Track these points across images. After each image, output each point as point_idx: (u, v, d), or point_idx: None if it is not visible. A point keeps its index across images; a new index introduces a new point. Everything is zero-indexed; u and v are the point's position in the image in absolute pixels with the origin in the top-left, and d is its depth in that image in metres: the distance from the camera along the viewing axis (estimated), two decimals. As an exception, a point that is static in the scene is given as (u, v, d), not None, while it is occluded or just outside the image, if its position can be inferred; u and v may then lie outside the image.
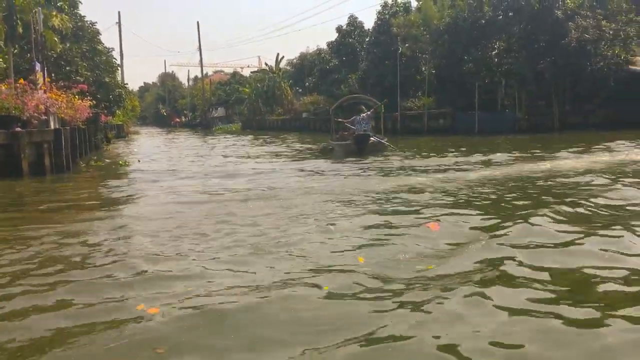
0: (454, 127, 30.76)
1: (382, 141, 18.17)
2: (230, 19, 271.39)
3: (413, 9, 37.69)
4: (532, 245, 5.27)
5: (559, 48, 27.42)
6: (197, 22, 75.74)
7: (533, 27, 28.49)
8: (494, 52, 31.88)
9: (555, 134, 26.54)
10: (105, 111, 31.39)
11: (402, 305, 3.82)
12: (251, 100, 63.14)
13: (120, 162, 19.33)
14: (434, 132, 30.05)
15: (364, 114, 18.31)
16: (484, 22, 30.27)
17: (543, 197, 8.27)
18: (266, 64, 65.89)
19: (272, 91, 59.12)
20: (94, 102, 24.03)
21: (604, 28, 27.68)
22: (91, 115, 23.66)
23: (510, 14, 29.66)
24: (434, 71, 34.05)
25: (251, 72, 79.06)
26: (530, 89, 29.93)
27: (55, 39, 20.51)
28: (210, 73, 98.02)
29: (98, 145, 27.61)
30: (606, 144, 18.25)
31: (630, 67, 28.42)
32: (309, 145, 25.79)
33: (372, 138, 17.30)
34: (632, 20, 28.84)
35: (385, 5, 38.96)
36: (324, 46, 52.10)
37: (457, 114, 31.41)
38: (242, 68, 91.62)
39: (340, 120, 20.18)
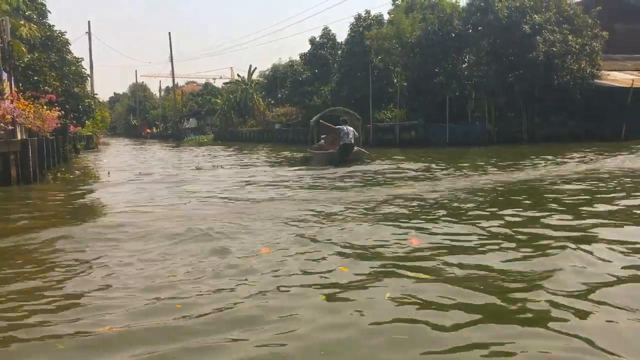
0: (426, 139, 31.03)
1: (363, 150, 19.55)
2: (203, 30, 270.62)
3: (385, 21, 38.02)
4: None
5: (526, 62, 27.96)
6: (169, 33, 75.80)
7: (502, 41, 29.01)
8: (464, 65, 32.37)
9: (524, 145, 26.96)
10: (75, 122, 30.88)
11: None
12: (223, 111, 62.85)
13: (89, 174, 19.04)
14: (405, 144, 30.29)
15: (350, 127, 19.21)
16: (454, 35, 30.70)
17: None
18: (238, 75, 65.83)
19: (244, 102, 58.97)
20: (63, 112, 23.58)
21: (570, 42, 28.34)
22: (60, 125, 23.23)
23: (479, 28, 30.14)
24: (405, 83, 34.37)
25: (223, 83, 78.76)
26: (500, 101, 30.43)
27: (23, 48, 20.15)
28: (182, 84, 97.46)
29: (67, 156, 27.13)
30: (573, 154, 18.71)
31: (596, 80, 29.13)
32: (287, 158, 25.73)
33: (355, 148, 18.66)
34: (597, 35, 29.59)
35: (358, 18, 39.26)
36: (296, 58, 52.23)
37: (429, 126, 31.71)
38: (214, 79, 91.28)
39: (326, 124, 21.36)
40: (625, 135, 27.34)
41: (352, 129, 19.26)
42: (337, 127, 19.57)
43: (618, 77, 30.34)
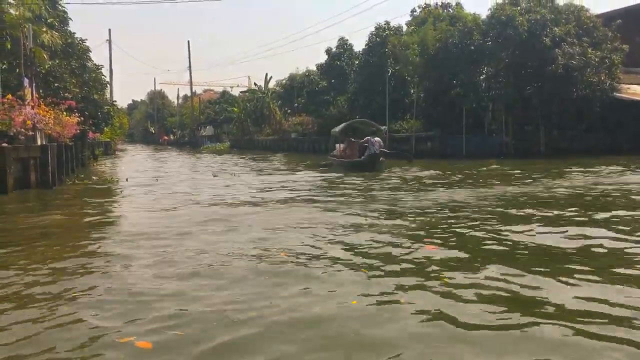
0: (442, 151, 30.89)
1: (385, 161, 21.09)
2: (221, 38, 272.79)
3: (404, 33, 38.02)
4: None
5: (545, 74, 27.75)
6: (188, 41, 75.84)
7: (521, 53, 28.85)
8: (482, 77, 32.20)
9: (543, 159, 26.65)
10: (93, 128, 31.21)
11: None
12: (240, 119, 63.17)
13: (107, 180, 19.23)
14: (422, 155, 30.11)
15: (377, 138, 21.29)
16: (473, 47, 30.61)
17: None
18: (255, 84, 66.12)
19: (260, 111, 59.23)
20: (82, 118, 23.85)
21: (589, 55, 28.10)
22: (79, 131, 23.49)
23: (499, 40, 30.00)
24: (422, 94, 34.26)
25: (240, 92, 79.22)
26: (517, 114, 30.20)
27: (45, 55, 20.43)
28: (199, 92, 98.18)
29: (85, 162, 27.44)
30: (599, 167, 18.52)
31: (615, 94, 28.83)
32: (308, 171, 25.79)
33: (382, 158, 20.63)
34: (616, 49, 29.32)
35: (379, 28, 39.32)
36: (313, 68, 52.42)
37: (445, 137, 31.56)
38: (231, 87, 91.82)
39: (353, 139, 23.30)
40: (645, 149, 26.97)
41: (379, 139, 21.20)
42: (366, 137, 21.41)
43: (638, 91, 30.00)
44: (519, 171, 18.73)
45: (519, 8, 29.77)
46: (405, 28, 39.06)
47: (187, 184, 17.02)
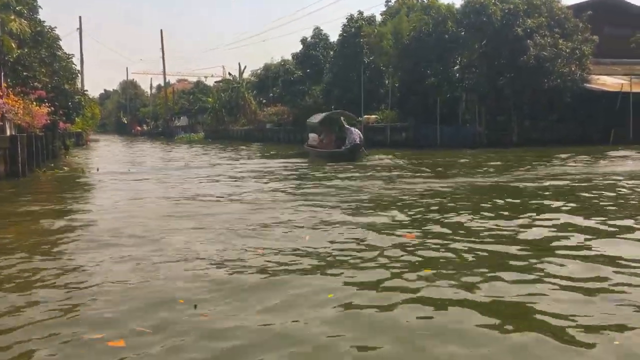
0: (417, 141, 31.07)
1: (364, 151, 21.95)
2: (195, 28, 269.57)
3: (378, 23, 38.03)
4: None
5: (517, 65, 28.09)
6: (161, 30, 75.00)
7: (494, 44, 29.13)
8: (456, 67, 32.44)
9: (515, 148, 27.02)
10: (64, 118, 30.62)
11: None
12: (214, 110, 62.64)
13: (78, 170, 18.96)
14: (396, 145, 30.30)
15: (357, 130, 22.31)
16: (447, 37, 30.77)
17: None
18: (230, 74, 65.60)
19: (235, 101, 58.79)
20: (52, 108, 23.42)
21: (560, 46, 28.50)
22: (49, 122, 23.06)
23: (472, 30, 30.21)
24: (397, 84, 34.40)
25: (215, 82, 78.50)
26: (490, 104, 30.51)
27: (13, 44, 19.94)
28: (173, 82, 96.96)
29: (56, 152, 26.93)
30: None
31: (585, 84, 29.32)
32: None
33: (362, 149, 21.49)
34: (587, 40, 29.78)
35: (350, 19, 39.23)
36: (288, 57, 52.14)
37: (419, 127, 31.76)
38: (205, 77, 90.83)
39: (331, 130, 24.45)
40: (614, 139, 27.57)
41: (358, 131, 22.16)
42: (346, 127, 22.45)
43: (607, 82, 30.56)
44: (490, 162, 18.99)
45: (492, -1, 30.04)
46: (379, 18, 39.08)
47: (159, 174, 16.88)
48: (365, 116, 33.93)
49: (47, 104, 21.46)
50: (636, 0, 37.74)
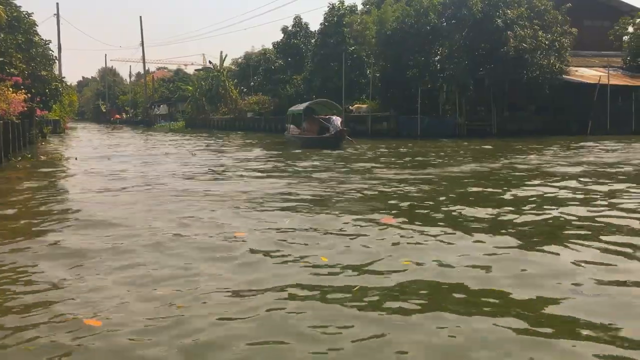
0: (398, 131, 31.18)
1: (350, 139, 22.57)
2: (175, 15, 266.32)
3: (359, 12, 37.98)
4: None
5: (497, 56, 28.29)
6: (140, 17, 73.85)
7: (474, 35, 29.28)
8: (437, 58, 32.54)
9: (493, 139, 27.27)
10: (41, 105, 30.12)
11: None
12: (195, 98, 62.11)
13: (56, 159, 18.73)
14: (377, 135, 30.39)
15: (339, 117, 23.10)
16: (428, 28, 30.82)
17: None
18: (210, 62, 64.98)
19: (216, 90, 58.35)
20: (29, 95, 23.01)
21: (540, 38, 28.76)
22: (26, 109, 22.67)
23: (453, 21, 30.33)
24: (378, 74, 34.45)
25: (195, 70, 77.78)
26: (470, 95, 30.73)
27: (-12, 28, 19.56)
28: (153, 69, 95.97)
29: (32, 140, 26.52)
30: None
31: (564, 76, 29.66)
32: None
33: (348, 137, 22.14)
34: (566, 32, 30.08)
35: (332, 8, 39.12)
36: (269, 46, 51.90)
37: (400, 118, 31.87)
38: (185, 65, 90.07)
39: (318, 117, 24.41)
40: (591, 130, 27.99)
41: (340, 119, 22.86)
42: (328, 116, 23.19)
43: (585, 74, 30.96)
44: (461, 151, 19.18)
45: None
46: (360, 7, 39.03)
47: (138, 162, 16.78)
48: (356, 105, 33.96)
49: (23, 90, 21.08)
50: (615, -7, 38.07)
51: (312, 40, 44.00)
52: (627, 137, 25.20)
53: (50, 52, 31.35)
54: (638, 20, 33.32)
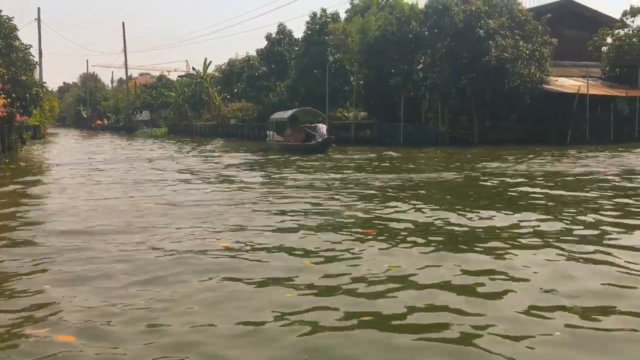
0: (381, 138, 31.30)
1: (338, 147, 23.45)
2: (158, 21, 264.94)
3: (342, 20, 38.13)
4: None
5: (479, 66, 28.54)
6: (123, 23, 73.26)
7: (456, 44, 29.52)
8: (419, 67, 32.75)
9: (472, 147, 27.48)
10: (21, 111, 29.76)
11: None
12: (178, 104, 61.77)
13: (36, 165, 18.53)
14: (361, 142, 30.48)
15: (324, 125, 24.23)
16: (411, 36, 31.02)
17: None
18: (194, 69, 64.75)
19: (199, 96, 58.09)
20: (9, 100, 22.75)
21: (521, 48, 29.09)
22: (5, 114, 22.41)
23: (435, 30, 30.57)
24: (361, 82, 34.57)
25: (178, 76, 77.37)
26: (453, 104, 30.97)
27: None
28: (135, 75, 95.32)
29: (12, 146, 26.18)
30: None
31: (545, 86, 30.01)
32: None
33: (333, 144, 23.06)
34: (546, 42, 30.49)
35: (314, 16, 39.22)
36: (253, 53, 51.84)
37: (383, 125, 31.99)
38: (169, 71, 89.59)
39: (303, 126, 25.24)
40: (571, 140, 28.34)
41: (325, 126, 23.97)
42: (314, 125, 24.07)
43: (565, 83, 31.36)
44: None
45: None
46: (343, 16, 39.19)
47: (119, 169, 16.65)
48: (353, 112, 33.98)
49: (3, 95, 20.84)
50: (594, 4, 38.89)
51: (296, 48, 44.04)
52: (603, 146, 25.53)
53: (31, 57, 31.02)
54: (616, 31, 33.88)
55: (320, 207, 8.76)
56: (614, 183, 12.07)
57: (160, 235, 6.66)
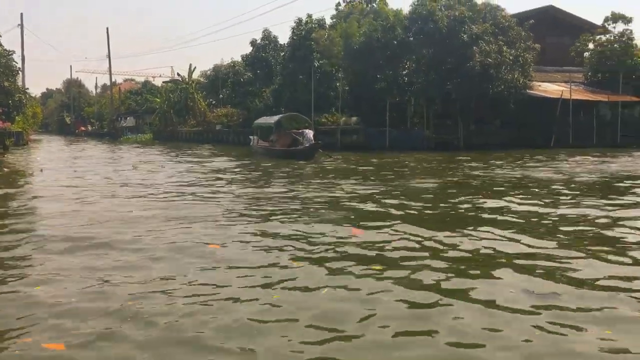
0: (367, 144, 31.36)
1: (326, 152, 23.60)
2: (143, 27, 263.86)
3: (327, 26, 38.21)
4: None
5: (464, 71, 28.78)
6: (107, 28, 72.91)
7: (441, 49, 29.74)
8: (404, 72, 32.93)
9: (461, 152, 27.66)
10: (4, 117, 29.52)
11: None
12: (163, 110, 61.41)
13: (20, 171, 18.35)
14: (347, 148, 30.49)
15: (311, 131, 23.93)
16: (395, 42, 31.19)
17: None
18: (179, 74, 64.50)
19: (184, 102, 57.83)
20: (-9, 106, 22.54)
21: (504, 54, 29.40)
22: (-13, 120, 22.20)
23: (420, 36, 30.78)
24: (347, 88, 34.67)
25: (163, 82, 77.00)
26: (438, 109, 31.20)
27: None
28: (120, 81, 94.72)
29: (-6, 152, 25.93)
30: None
31: (528, 91, 30.35)
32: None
33: (320, 149, 22.94)
34: (529, 48, 30.85)
35: (299, 22, 39.24)
36: (238, 59, 51.78)
37: (369, 130, 32.09)
38: (153, 77, 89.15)
39: (290, 131, 25.35)
40: (554, 143, 28.67)
41: (312, 132, 23.77)
42: (301, 130, 24.05)
43: (548, 89, 31.75)
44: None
45: (438, 5, 30.67)
46: (329, 21, 39.27)
47: (104, 175, 16.53)
48: (344, 118, 33.94)
49: (-15, 101, 20.64)
50: (576, 11, 39.43)
51: (282, 54, 44.04)
52: (585, 150, 25.81)
53: (14, 62, 30.84)
54: (598, 37, 34.37)
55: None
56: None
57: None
